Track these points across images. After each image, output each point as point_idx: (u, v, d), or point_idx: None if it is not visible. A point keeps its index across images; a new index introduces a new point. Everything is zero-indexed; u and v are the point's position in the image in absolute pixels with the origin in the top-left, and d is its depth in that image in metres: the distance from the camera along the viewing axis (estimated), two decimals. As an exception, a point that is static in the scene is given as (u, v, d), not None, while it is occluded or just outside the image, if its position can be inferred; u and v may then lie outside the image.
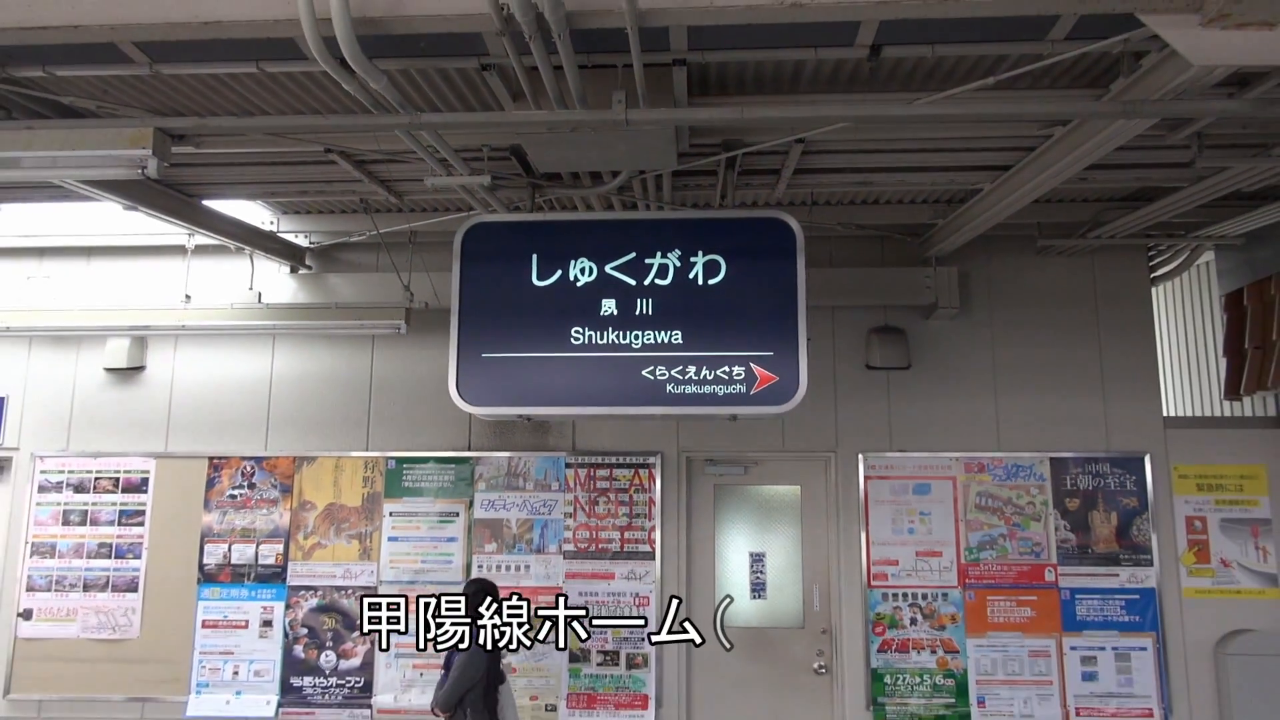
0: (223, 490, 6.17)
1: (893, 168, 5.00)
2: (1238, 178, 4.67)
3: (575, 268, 4.71)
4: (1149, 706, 5.64)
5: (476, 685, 4.68)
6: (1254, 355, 5.91)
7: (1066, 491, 5.87)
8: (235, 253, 6.12)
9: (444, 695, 4.70)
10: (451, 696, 4.68)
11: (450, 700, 4.69)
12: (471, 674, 4.67)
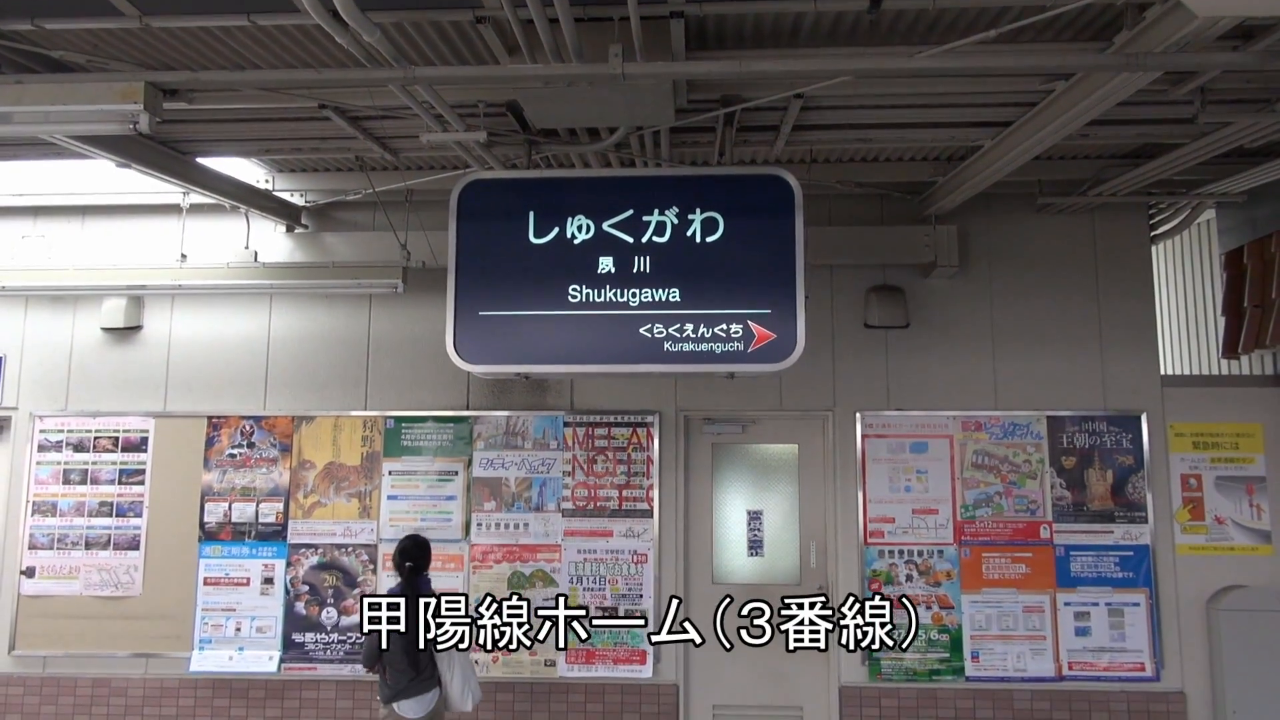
0: (222, 449, 6.18)
1: (893, 124, 4.96)
2: (1240, 134, 4.63)
3: (572, 225, 4.67)
4: (1140, 661, 5.71)
5: (396, 643, 4.60)
6: (1253, 313, 5.89)
7: (1063, 450, 5.90)
8: (230, 212, 6.08)
9: (363, 652, 4.78)
10: (366, 656, 4.74)
11: (365, 659, 4.76)
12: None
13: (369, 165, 5.66)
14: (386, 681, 4.68)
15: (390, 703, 4.68)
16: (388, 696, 4.69)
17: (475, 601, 5.87)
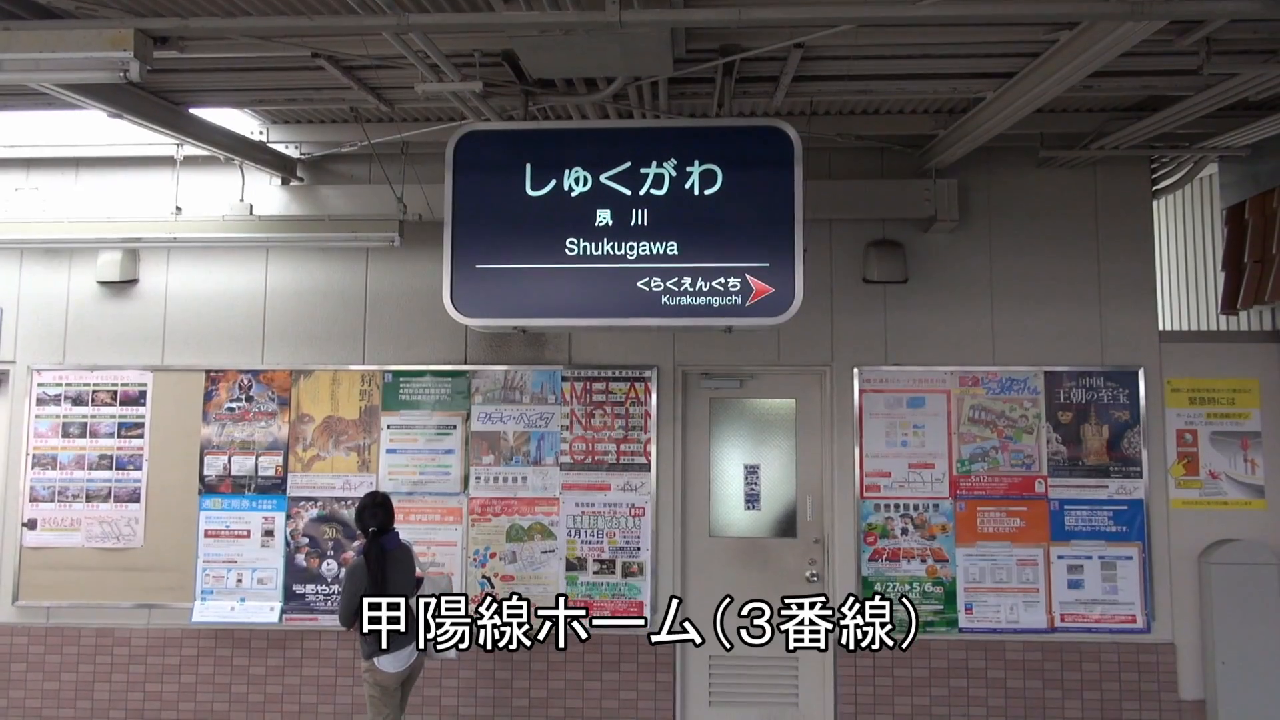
0: (220, 403, 6.20)
1: (894, 75, 4.89)
2: (1245, 85, 4.58)
3: (569, 178, 4.65)
4: (1132, 613, 5.78)
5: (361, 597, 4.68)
6: (1253, 269, 5.88)
7: (1059, 405, 5.91)
8: (225, 164, 6.02)
9: (339, 611, 4.85)
10: (343, 611, 4.79)
11: (343, 614, 4.79)
12: (353, 587, 4.74)
13: (364, 117, 5.60)
14: (364, 637, 4.71)
15: (370, 658, 4.73)
16: (366, 653, 4.74)
17: (474, 553, 5.96)
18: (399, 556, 4.89)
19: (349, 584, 4.78)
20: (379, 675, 4.75)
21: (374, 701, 4.80)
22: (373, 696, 4.79)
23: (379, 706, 4.79)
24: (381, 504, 4.95)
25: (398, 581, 4.81)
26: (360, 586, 4.71)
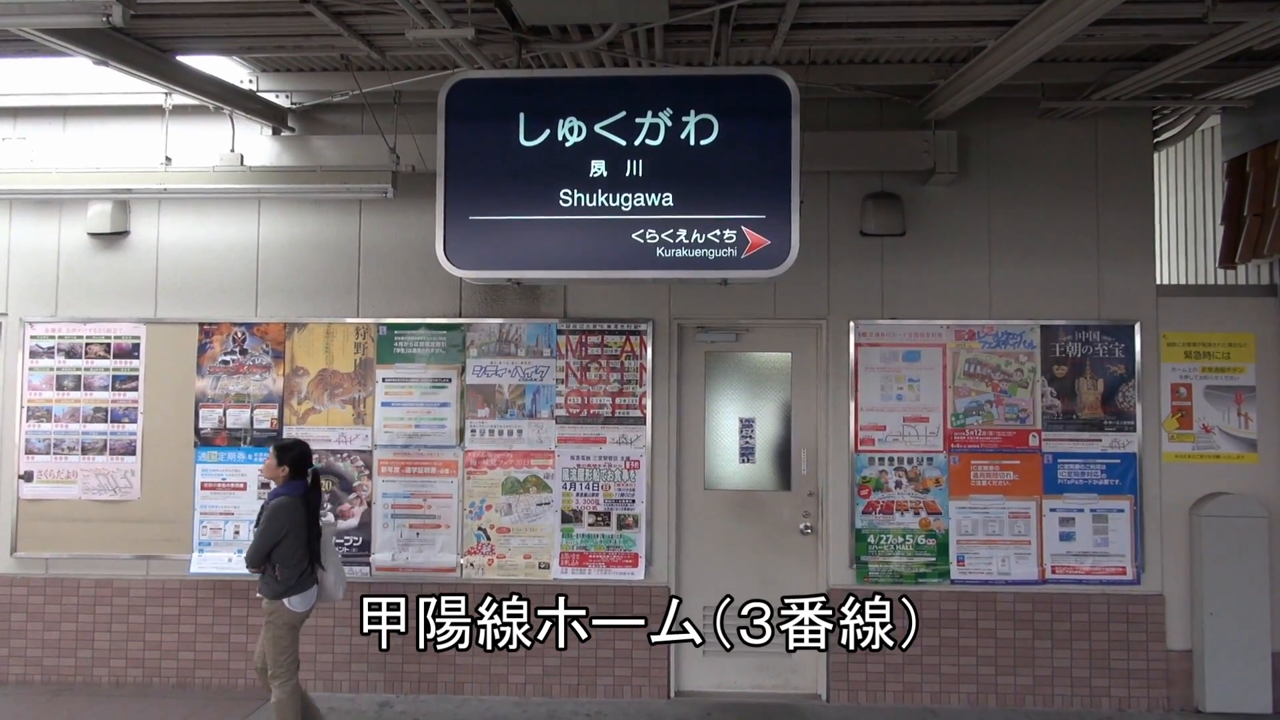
0: (215, 356, 6.18)
1: (894, 22, 4.81)
2: (1250, 34, 4.50)
3: (564, 127, 4.59)
4: (1122, 565, 5.83)
5: (287, 538, 4.75)
6: (1252, 222, 5.84)
7: (1055, 359, 5.91)
8: (214, 114, 5.93)
9: (248, 551, 4.78)
10: (255, 552, 4.74)
11: (256, 555, 4.74)
12: (278, 526, 4.74)
13: (355, 65, 5.50)
14: (276, 578, 4.75)
15: (280, 598, 4.77)
16: (277, 592, 4.76)
17: (470, 506, 5.99)
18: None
19: (274, 523, 4.73)
20: (288, 615, 4.80)
21: (280, 641, 4.80)
22: (279, 636, 4.80)
23: (285, 645, 4.82)
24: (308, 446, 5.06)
25: (317, 525, 4.94)
26: (284, 527, 4.74)
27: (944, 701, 5.83)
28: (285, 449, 4.95)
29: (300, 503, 4.83)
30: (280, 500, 4.81)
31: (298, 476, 4.92)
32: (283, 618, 4.80)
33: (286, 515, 4.77)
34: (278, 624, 4.81)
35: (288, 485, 4.88)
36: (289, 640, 4.84)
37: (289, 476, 4.89)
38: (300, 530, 4.79)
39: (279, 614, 4.80)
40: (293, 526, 4.76)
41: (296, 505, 4.81)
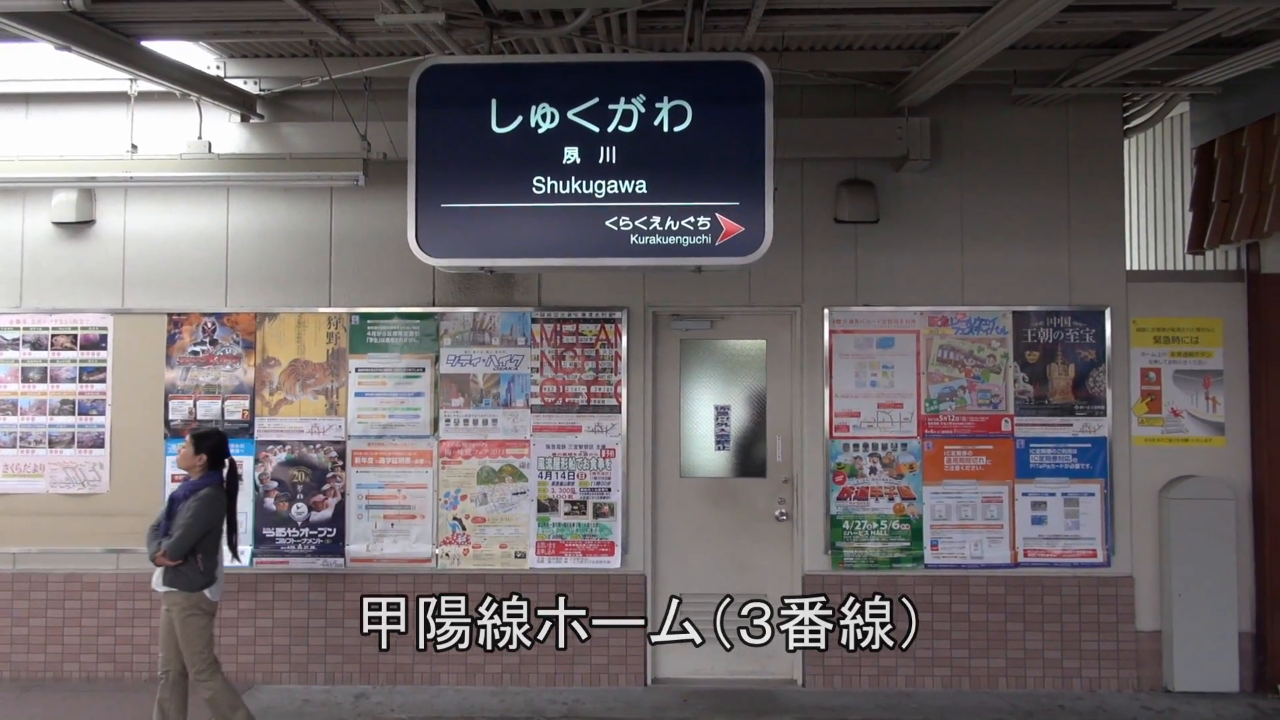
0: (184, 347, 6.10)
1: (866, 9, 4.80)
2: (1219, 21, 4.53)
3: (536, 114, 4.55)
4: (1093, 548, 5.90)
5: (213, 530, 4.75)
6: (1220, 208, 5.90)
7: (1027, 344, 5.96)
8: (181, 100, 5.84)
9: (175, 542, 4.62)
10: (184, 543, 4.63)
11: (182, 547, 4.63)
12: (208, 518, 4.70)
13: (324, 51, 5.43)
14: (199, 569, 4.68)
15: (201, 589, 4.70)
16: (200, 584, 4.69)
17: (445, 496, 5.96)
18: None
19: (203, 515, 4.66)
20: (208, 605, 4.76)
21: (203, 633, 4.73)
22: (202, 628, 4.73)
23: (207, 637, 4.75)
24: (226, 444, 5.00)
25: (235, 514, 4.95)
26: (214, 518, 4.73)
27: (919, 685, 5.88)
28: (203, 437, 4.88)
29: (223, 493, 4.83)
30: (208, 491, 4.76)
31: (216, 466, 4.85)
32: (203, 608, 4.74)
33: (216, 506, 4.75)
34: (199, 616, 4.72)
35: (208, 475, 4.81)
36: (208, 629, 4.77)
37: (206, 466, 4.81)
38: (221, 520, 4.80)
39: (200, 605, 4.72)
40: (219, 518, 4.76)
41: (221, 496, 4.80)
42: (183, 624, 4.72)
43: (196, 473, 4.82)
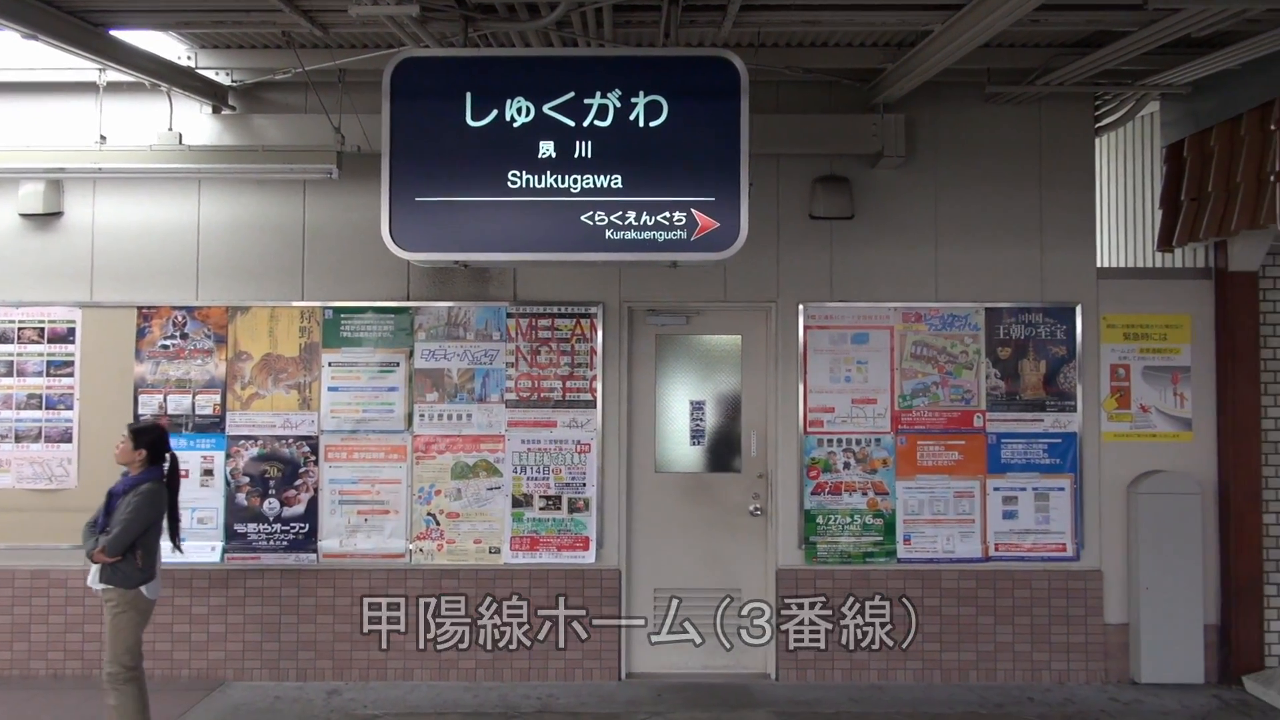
0: (154, 340, 6.03)
1: (842, 5, 4.82)
2: (1189, 21, 4.59)
3: (511, 107, 4.54)
4: (1063, 542, 5.97)
5: (153, 527, 4.67)
6: (1189, 206, 5.98)
7: (999, 341, 6.01)
8: (151, 91, 5.77)
9: (113, 538, 4.52)
10: (123, 539, 4.53)
11: (121, 543, 4.53)
12: (149, 514, 4.62)
13: (297, 42, 5.39)
14: (138, 566, 4.59)
15: (138, 586, 4.61)
16: (136, 581, 4.60)
17: (419, 491, 5.93)
18: None
19: (143, 510, 4.57)
20: (144, 603, 4.66)
21: (135, 631, 4.64)
22: (136, 625, 4.64)
23: (136, 632, 4.66)
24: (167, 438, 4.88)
25: (177, 510, 4.85)
26: (154, 513, 4.65)
27: (890, 678, 5.93)
28: (142, 431, 4.77)
29: (164, 489, 4.73)
30: (149, 486, 4.65)
31: (156, 461, 4.74)
32: (139, 606, 4.64)
33: (156, 501, 4.66)
34: (132, 613, 4.62)
35: (148, 470, 4.70)
36: (140, 626, 4.68)
37: (146, 461, 4.70)
38: (162, 516, 4.71)
39: (136, 603, 4.62)
40: (159, 513, 4.68)
41: (161, 491, 4.71)
42: (113, 620, 4.61)
43: (136, 468, 4.70)
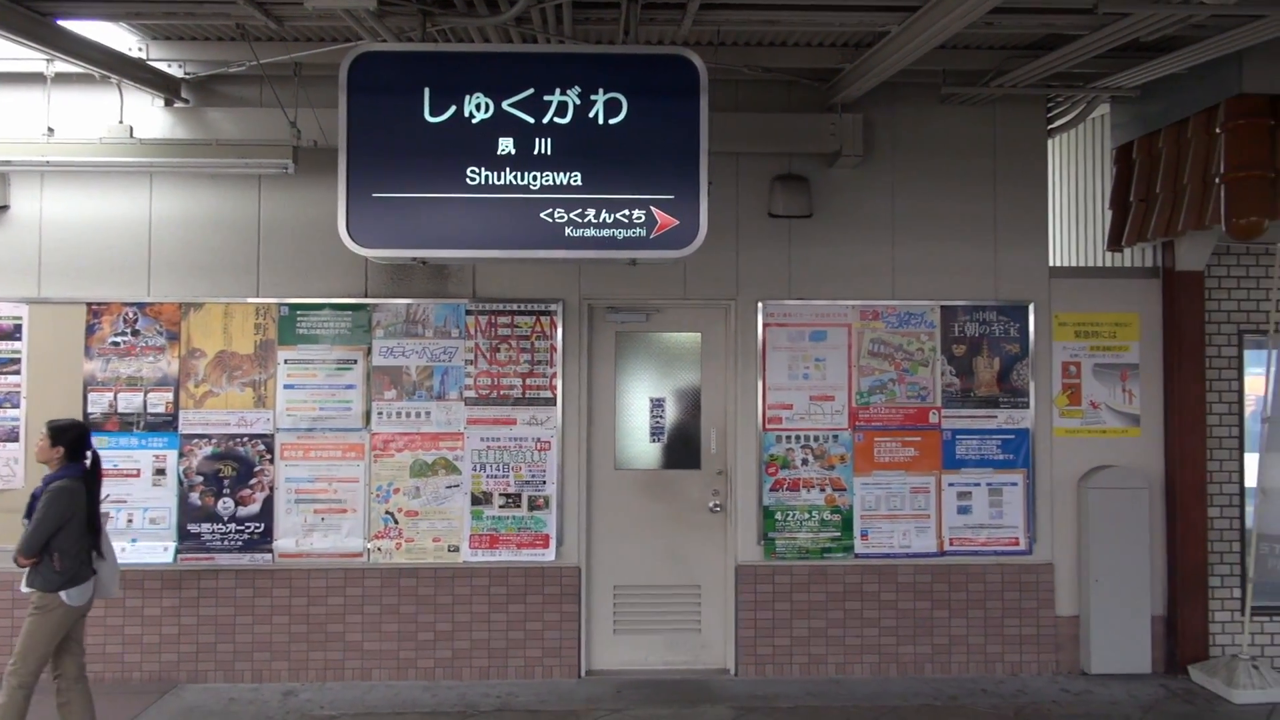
0: (104, 337, 5.91)
1: (800, 5, 4.86)
2: (1137, 25, 4.69)
3: (470, 103, 4.52)
4: (1015, 536, 6.08)
5: (69, 525, 4.45)
6: (1138, 207, 6.11)
7: (954, 338, 6.10)
8: (101, 83, 5.66)
9: (25, 540, 4.39)
10: (34, 540, 4.38)
11: (33, 544, 4.38)
12: (59, 512, 4.42)
13: (252, 35, 5.31)
14: (55, 569, 4.41)
15: (57, 590, 4.43)
16: (55, 584, 4.42)
17: (377, 489, 5.88)
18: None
19: (55, 509, 4.40)
20: (64, 610, 4.45)
21: (43, 635, 4.43)
22: (46, 631, 4.44)
23: (46, 641, 4.45)
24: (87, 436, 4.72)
25: (98, 511, 4.63)
26: (66, 513, 4.43)
27: (848, 672, 6.00)
28: (61, 429, 4.60)
29: (81, 487, 4.53)
30: (61, 484, 4.47)
31: (75, 459, 4.58)
32: (58, 612, 4.45)
33: (69, 500, 4.45)
34: (50, 619, 4.44)
35: (66, 468, 4.54)
36: (52, 637, 4.46)
37: (65, 459, 4.55)
38: (81, 516, 4.48)
39: (53, 608, 4.44)
40: (75, 513, 4.46)
41: (78, 490, 4.50)
42: (29, 619, 4.44)
43: (54, 465, 4.54)
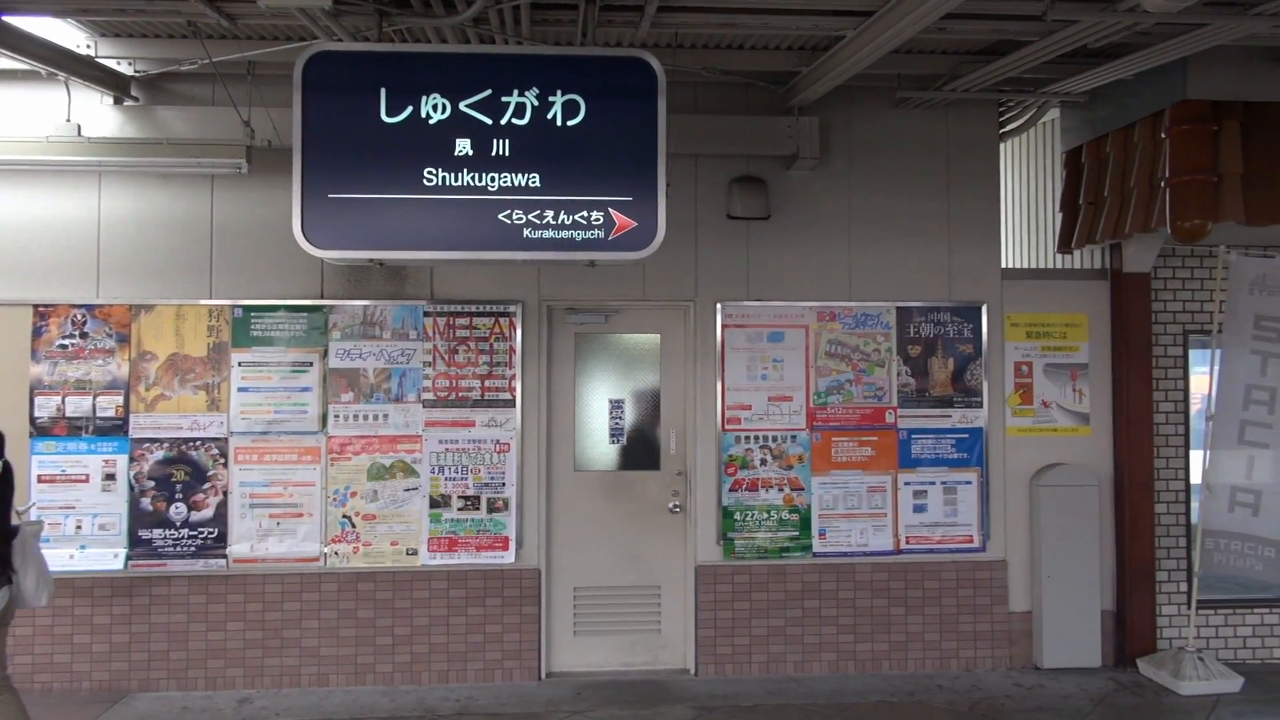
0: (51, 340, 5.78)
1: (758, 9, 4.89)
2: (1085, 32, 4.79)
3: (427, 104, 4.50)
4: (970, 534, 6.17)
5: None
6: (1087, 210, 6.24)
7: (910, 339, 6.18)
8: (48, 79, 5.54)
9: None
10: None
11: None
12: None
13: (203, 32, 5.22)
14: None
15: None
16: None
17: (334, 493, 5.82)
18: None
19: None
20: None
21: None
22: None
23: None
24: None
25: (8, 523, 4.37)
26: None
27: (806, 670, 6.05)
28: None
29: None
30: None
31: None
32: None
33: None
34: None
35: None
36: None
37: None
38: None
39: None
40: None
41: None
42: None
43: None
